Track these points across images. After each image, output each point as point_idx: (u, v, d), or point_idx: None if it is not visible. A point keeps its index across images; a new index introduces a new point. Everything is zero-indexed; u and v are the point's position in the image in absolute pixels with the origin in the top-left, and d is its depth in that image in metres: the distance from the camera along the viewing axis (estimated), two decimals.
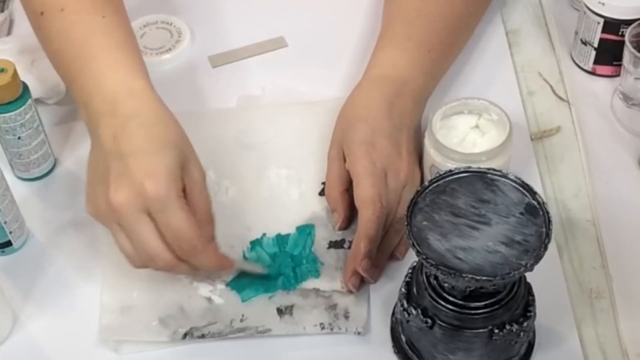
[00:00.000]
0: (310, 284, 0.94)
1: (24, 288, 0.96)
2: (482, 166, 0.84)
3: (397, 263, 0.95)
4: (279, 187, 1.02)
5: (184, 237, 0.86)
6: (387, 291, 0.93)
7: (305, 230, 0.98)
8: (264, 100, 1.10)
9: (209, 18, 1.03)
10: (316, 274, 0.95)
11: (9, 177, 1.04)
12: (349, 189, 0.97)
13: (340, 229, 0.98)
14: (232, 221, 0.99)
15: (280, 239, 0.98)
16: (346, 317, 0.92)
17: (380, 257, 0.95)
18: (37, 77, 1.09)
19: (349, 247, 0.96)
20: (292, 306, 0.93)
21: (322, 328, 0.92)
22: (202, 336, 0.91)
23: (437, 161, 0.95)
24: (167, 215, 0.85)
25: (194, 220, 0.87)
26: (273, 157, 1.04)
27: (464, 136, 0.97)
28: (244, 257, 0.97)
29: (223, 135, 1.06)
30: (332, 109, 1.03)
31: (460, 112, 0.98)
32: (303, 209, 1.00)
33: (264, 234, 0.98)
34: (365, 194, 0.94)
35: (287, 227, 0.99)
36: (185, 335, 0.91)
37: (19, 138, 1.00)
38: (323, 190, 1.01)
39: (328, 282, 0.94)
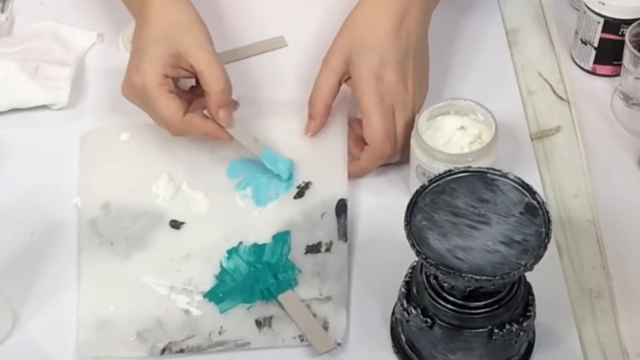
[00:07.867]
0: (288, 294, 0.93)
1: (24, 288, 0.96)
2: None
3: (397, 264, 0.93)
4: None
5: (168, 121, 0.98)
6: (386, 291, 0.93)
7: (282, 238, 0.97)
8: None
9: (208, 17, 1.03)
10: (294, 282, 0.94)
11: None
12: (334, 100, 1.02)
13: (311, 136, 1.03)
14: (208, 232, 0.98)
15: (257, 249, 0.97)
16: (325, 327, 0.91)
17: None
18: (41, 83, 1.08)
19: (326, 250, 0.96)
20: (270, 317, 0.92)
21: (302, 340, 0.90)
22: (181, 351, 0.90)
23: (423, 162, 0.95)
24: (151, 103, 0.98)
25: (176, 104, 0.97)
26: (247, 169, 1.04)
27: (450, 137, 0.97)
28: (221, 267, 0.96)
29: (198, 150, 1.05)
30: (299, 115, 1.05)
31: (447, 113, 0.98)
32: (279, 215, 0.99)
33: (241, 242, 0.97)
34: (376, 133, 0.98)
35: (264, 235, 0.98)
36: (163, 350, 0.90)
37: None
38: (298, 193, 1.01)
39: (306, 290, 0.94)
